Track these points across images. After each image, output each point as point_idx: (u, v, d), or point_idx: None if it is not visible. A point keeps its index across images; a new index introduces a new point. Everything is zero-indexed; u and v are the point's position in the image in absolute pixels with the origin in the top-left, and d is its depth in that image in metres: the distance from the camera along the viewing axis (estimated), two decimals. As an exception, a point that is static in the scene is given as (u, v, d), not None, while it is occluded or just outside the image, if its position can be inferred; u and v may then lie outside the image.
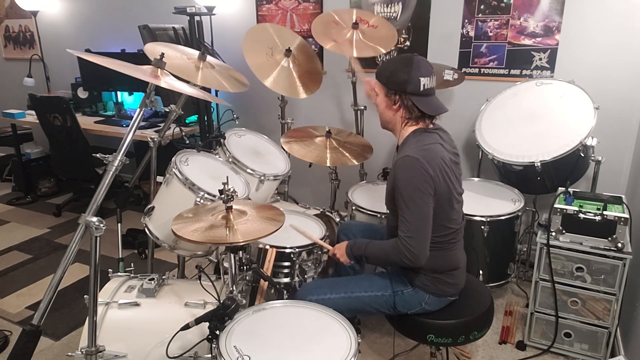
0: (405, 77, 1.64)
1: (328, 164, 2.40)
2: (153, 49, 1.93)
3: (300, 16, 3.46)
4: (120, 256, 2.47)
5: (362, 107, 2.97)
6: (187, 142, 2.62)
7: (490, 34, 2.87)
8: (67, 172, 3.97)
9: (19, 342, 1.44)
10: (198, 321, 1.46)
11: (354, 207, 2.45)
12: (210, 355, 1.59)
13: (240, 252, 1.63)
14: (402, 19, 3.11)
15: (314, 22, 2.65)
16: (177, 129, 2.48)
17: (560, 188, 2.32)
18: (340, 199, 2.96)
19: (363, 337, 2.39)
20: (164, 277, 1.88)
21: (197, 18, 3.30)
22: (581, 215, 2.07)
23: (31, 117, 4.01)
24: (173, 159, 2.04)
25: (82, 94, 4.24)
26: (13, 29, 4.94)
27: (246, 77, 2.38)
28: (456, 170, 1.73)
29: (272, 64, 2.59)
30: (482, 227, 2.33)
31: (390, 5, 3.12)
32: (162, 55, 1.65)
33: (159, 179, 2.12)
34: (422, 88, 1.65)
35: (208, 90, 3.43)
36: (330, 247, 1.94)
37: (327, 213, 2.46)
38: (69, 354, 1.66)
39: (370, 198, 2.51)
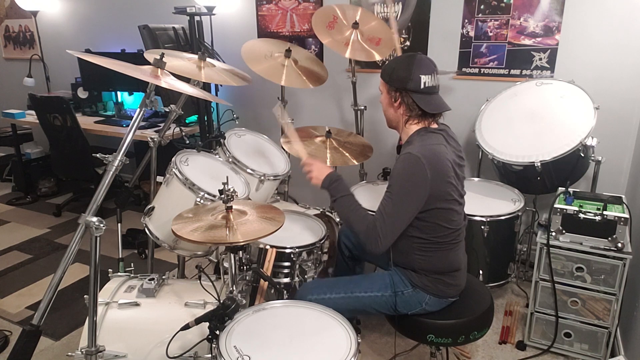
0: (406, 75, 1.65)
1: (328, 164, 2.39)
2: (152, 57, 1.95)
3: (300, 16, 3.46)
4: (120, 256, 2.47)
5: (362, 107, 2.97)
6: (187, 142, 2.62)
7: (490, 34, 2.87)
8: (67, 172, 3.97)
9: (19, 342, 1.44)
10: (198, 321, 1.46)
11: (354, 207, 2.44)
12: (210, 355, 1.58)
13: (240, 252, 1.63)
14: (402, 18, 3.11)
15: (315, 13, 2.64)
16: (177, 129, 2.48)
17: (560, 188, 2.31)
18: (340, 199, 2.95)
19: (363, 337, 2.38)
20: (164, 277, 1.88)
21: (197, 18, 3.30)
22: (581, 215, 2.07)
23: (31, 117, 4.01)
24: (173, 159, 2.04)
25: (82, 94, 4.24)
26: (13, 29, 4.94)
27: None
28: (459, 173, 1.72)
29: (276, 66, 2.60)
30: (482, 227, 2.33)
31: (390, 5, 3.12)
32: (162, 55, 1.65)
33: (159, 179, 2.12)
34: (422, 86, 1.65)
35: (208, 89, 3.44)
36: (305, 157, 1.93)
37: (327, 213, 2.46)
38: (69, 354, 1.66)
39: (370, 198, 2.51)
